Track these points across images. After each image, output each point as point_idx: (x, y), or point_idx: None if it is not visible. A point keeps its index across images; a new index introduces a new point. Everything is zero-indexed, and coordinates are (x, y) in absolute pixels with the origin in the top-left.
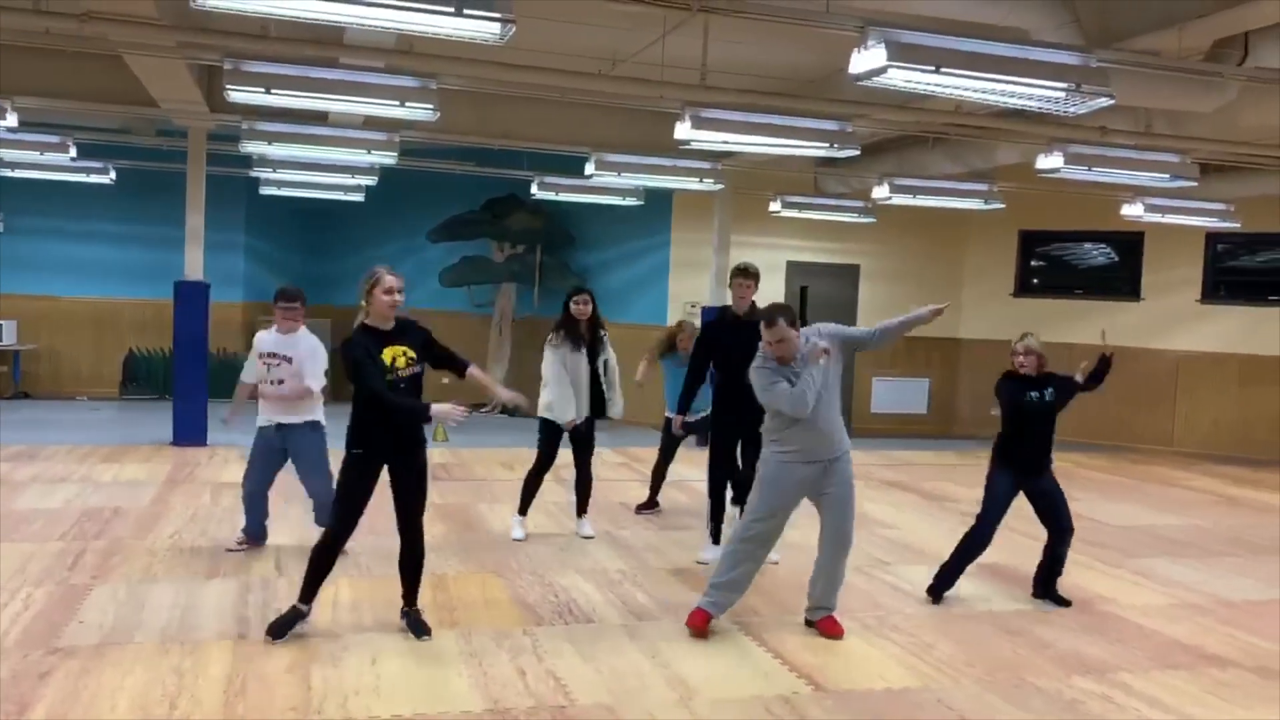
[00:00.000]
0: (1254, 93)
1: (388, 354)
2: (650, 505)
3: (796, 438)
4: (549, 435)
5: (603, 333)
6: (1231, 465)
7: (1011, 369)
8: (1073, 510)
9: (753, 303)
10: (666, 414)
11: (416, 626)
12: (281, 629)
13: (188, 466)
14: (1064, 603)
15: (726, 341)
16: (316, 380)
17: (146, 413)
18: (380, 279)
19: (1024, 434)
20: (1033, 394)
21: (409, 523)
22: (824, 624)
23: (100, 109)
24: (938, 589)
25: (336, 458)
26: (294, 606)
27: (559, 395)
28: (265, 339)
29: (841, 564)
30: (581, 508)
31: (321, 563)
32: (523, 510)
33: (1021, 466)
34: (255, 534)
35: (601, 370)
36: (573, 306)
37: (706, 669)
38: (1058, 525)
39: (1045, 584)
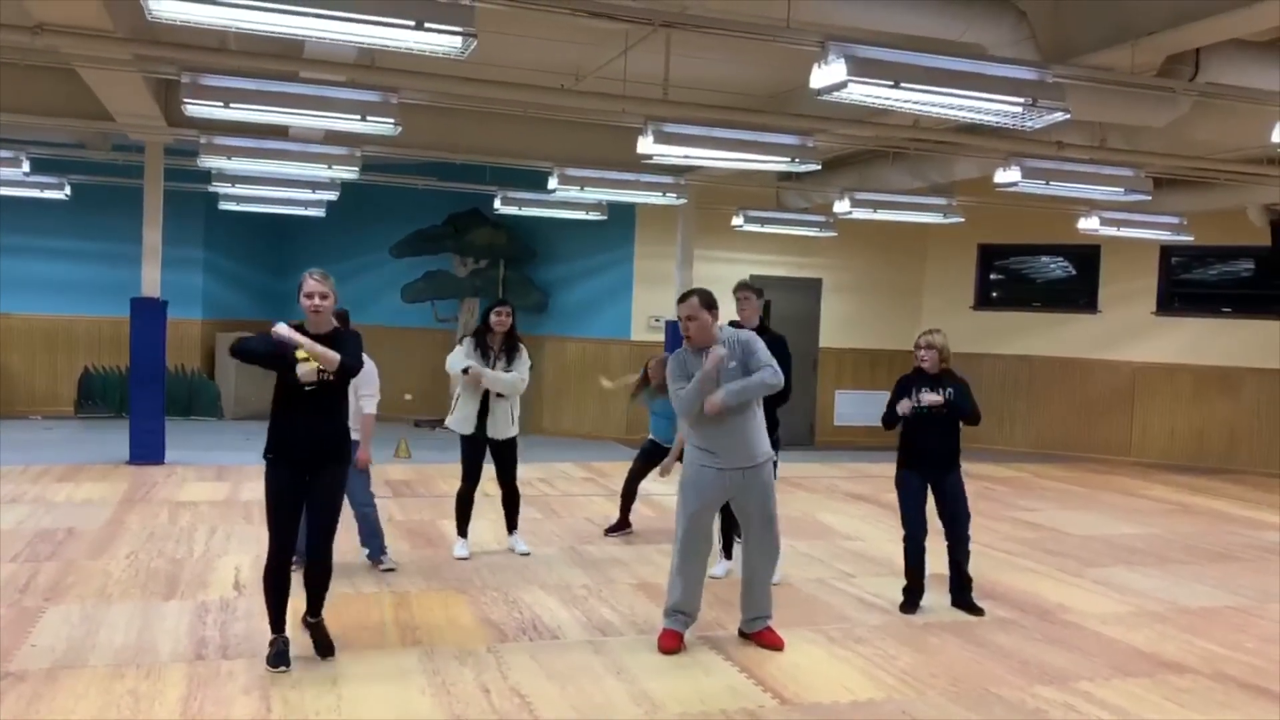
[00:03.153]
0: (1205, 108)
1: (303, 353)
2: (621, 527)
3: (708, 440)
4: (465, 450)
5: (519, 345)
6: (1187, 474)
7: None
8: (1032, 520)
9: (761, 318)
10: (649, 436)
11: (321, 645)
12: (280, 659)
13: (144, 486)
14: (977, 611)
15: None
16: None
17: (102, 431)
18: (303, 283)
19: (915, 433)
20: (921, 392)
21: (317, 541)
22: (765, 635)
23: (54, 123)
24: (910, 602)
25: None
26: (270, 640)
27: (460, 407)
28: None
29: (771, 573)
30: (510, 524)
31: (273, 588)
32: (461, 531)
33: (921, 464)
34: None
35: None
36: (492, 318)
37: (672, 684)
38: (952, 527)
39: (957, 593)
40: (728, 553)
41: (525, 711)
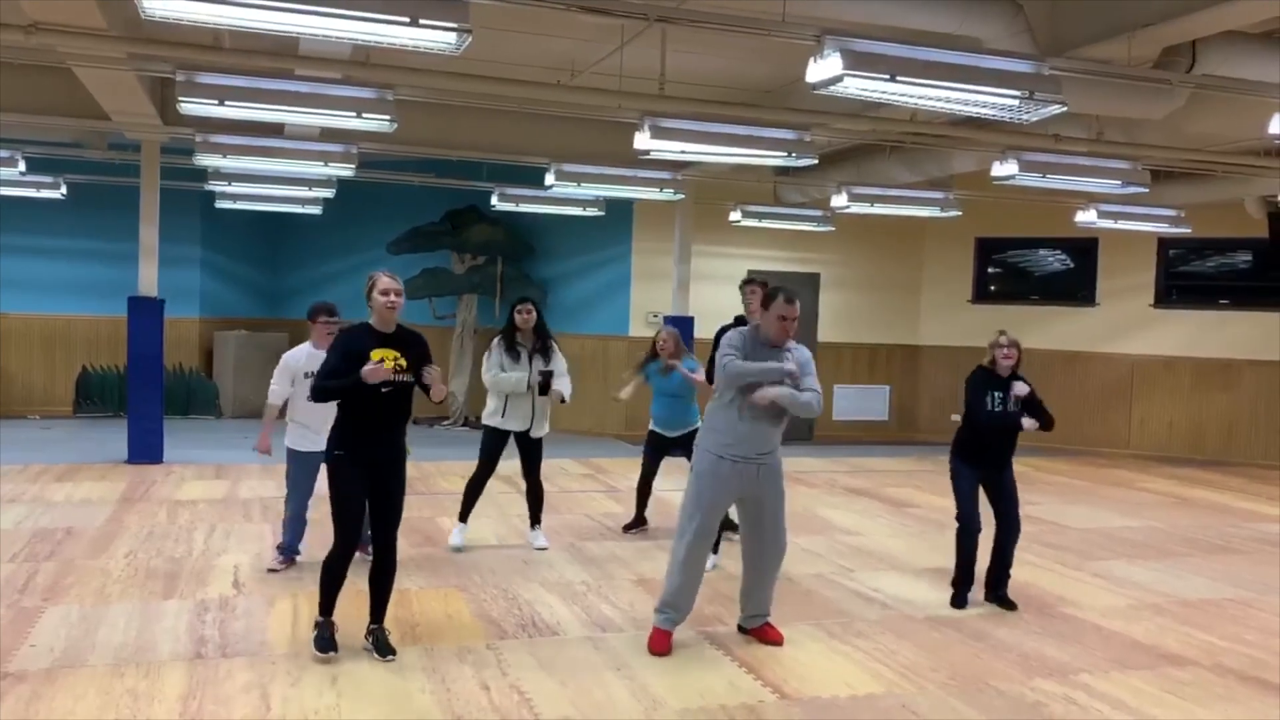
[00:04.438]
0: (1202, 100)
1: (378, 354)
2: (638, 524)
3: (731, 429)
4: (487, 442)
5: (551, 342)
6: (1186, 467)
7: (986, 365)
8: (1032, 514)
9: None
10: (650, 428)
11: (382, 647)
12: (327, 644)
13: (143, 485)
14: (1011, 606)
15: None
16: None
17: (101, 431)
18: (377, 281)
19: (982, 438)
20: (997, 395)
21: (384, 535)
22: (764, 631)
23: (50, 122)
24: (961, 595)
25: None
26: (317, 623)
27: (494, 404)
28: (304, 356)
29: (777, 571)
30: (534, 519)
31: (331, 576)
32: (462, 517)
33: (981, 462)
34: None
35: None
36: (517, 316)
37: (672, 680)
38: (1007, 521)
39: (994, 586)
40: (715, 546)
41: (525, 708)
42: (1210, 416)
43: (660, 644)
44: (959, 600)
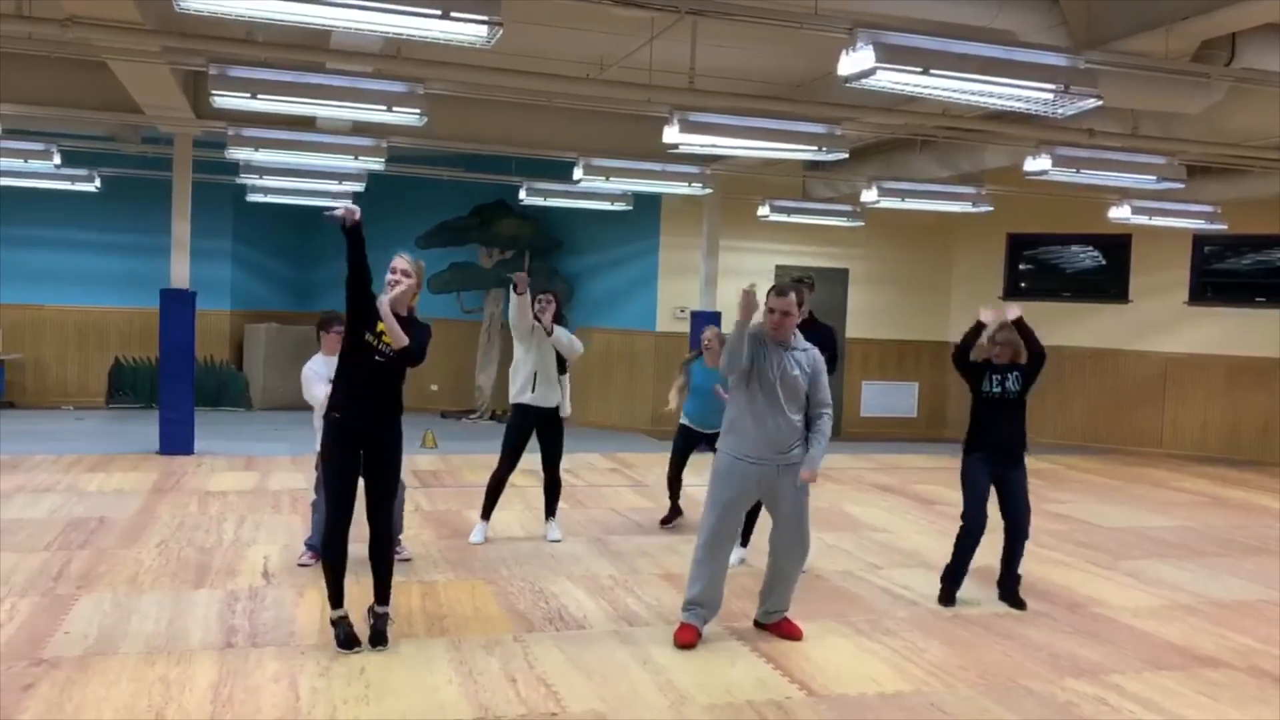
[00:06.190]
0: (1241, 94)
1: (380, 326)
2: (674, 515)
3: (747, 431)
4: (513, 428)
5: (565, 323)
6: (1220, 466)
7: (987, 355)
8: (1063, 512)
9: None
10: (681, 421)
11: (376, 635)
12: (347, 640)
13: (174, 475)
14: (1021, 605)
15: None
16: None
17: (133, 422)
18: (393, 259)
19: (985, 422)
20: (994, 378)
21: (378, 509)
22: (783, 626)
23: (85, 116)
24: (948, 592)
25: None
26: (333, 620)
27: (522, 378)
28: (322, 367)
29: (799, 572)
30: (549, 511)
31: (329, 559)
32: (485, 514)
33: (988, 453)
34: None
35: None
36: (535, 308)
37: (698, 675)
38: (1012, 521)
39: (1004, 585)
40: (744, 540)
41: (552, 701)
42: (1245, 416)
43: (687, 636)
44: (946, 597)
